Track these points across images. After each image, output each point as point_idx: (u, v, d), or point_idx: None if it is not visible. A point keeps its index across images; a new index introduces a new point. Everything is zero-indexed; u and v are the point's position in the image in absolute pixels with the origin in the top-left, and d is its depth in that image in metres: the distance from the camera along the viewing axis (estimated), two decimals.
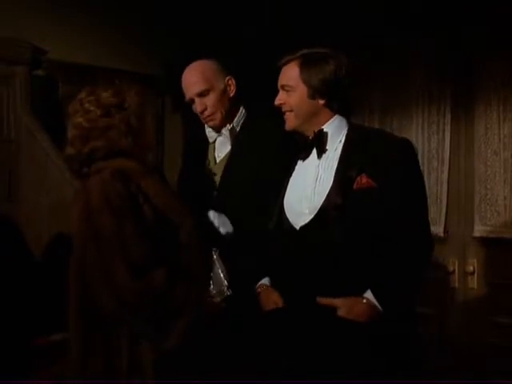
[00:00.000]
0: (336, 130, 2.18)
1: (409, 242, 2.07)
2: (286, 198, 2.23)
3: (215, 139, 2.61)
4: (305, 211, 2.13)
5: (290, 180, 2.25)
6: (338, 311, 2.03)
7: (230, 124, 2.57)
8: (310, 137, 2.19)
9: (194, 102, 2.55)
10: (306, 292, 2.07)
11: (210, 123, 2.58)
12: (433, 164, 3.89)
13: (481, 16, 3.62)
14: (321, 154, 2.16)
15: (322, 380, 1.96)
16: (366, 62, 3.88)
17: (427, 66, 3.88)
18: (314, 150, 2.18)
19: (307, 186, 2.16)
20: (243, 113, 2.61)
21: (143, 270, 1.94)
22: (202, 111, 2.54)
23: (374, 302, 2.03)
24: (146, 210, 2.02)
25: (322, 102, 2.15)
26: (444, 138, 3.86)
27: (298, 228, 2.14)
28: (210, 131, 2.62)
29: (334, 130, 2.17)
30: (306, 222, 2.12)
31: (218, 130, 2.59)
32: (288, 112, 2.20)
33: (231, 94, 2.56)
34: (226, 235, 2.35)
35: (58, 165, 3.42)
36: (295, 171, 2.26)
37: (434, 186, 3.87)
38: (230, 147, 2.59)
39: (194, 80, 2.52)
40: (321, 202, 2.10)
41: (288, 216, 2.19)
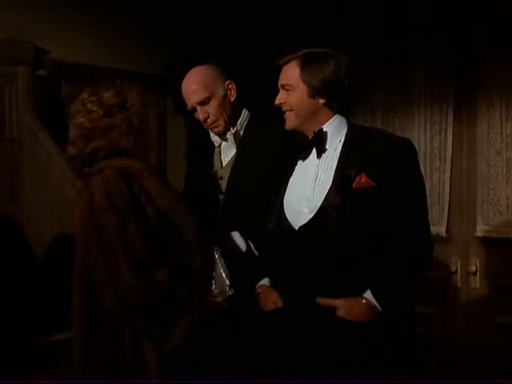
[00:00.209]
0: (336, 129, 2.18)
1: (408, 241, 2.07)
2: (285, 198, 2.23)
3: (220, 143, 2.63)
4: (304, 211, 2.13)
5: (290, 180, 2.26)
6: (337, 312, 2.03)
7: (234, 128, 2.58)
8: (310, 136, 2.19)
9: (196, 111, 2.57)
10: (305, 292, 2.07)
11: (214, 130, 2.59)
12: (435, 164, 3.88)
13: (481, 16, 3.62)
14: (320, 153, 2.16)
15: (322, 380, 1.96)
16: (366, 62, 3.87)
17: (428, 66, 3.87)
18: (313, 149, 2.18)
19: (307, 185, 2.16)
20: (246, 114, 2.62)
21: (145, 269, 1.95)
22: (205, 119, 2.55)
23: (373, 302, 2.03)
24: (148, 209, 2.02)
25: (322, 101, 2.15)
26: (446, 137, 3.85)
27: (298, 228, 2.13)
28: (214, 135, 2.64)
29: (333, 129, 2.17)
30: (306, 221, 2.11)
31: (222, 135, 2.60)
32: (288, 111, 2.20)
33: (232, 99, 2.57)
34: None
35: (60, 164, 3.42)
36: (295, 171, 2.26)
37: (436, 185, 3.87)
38: (235, 150, 2.60)
39: (193, 89, 2.53)
40: (320, 202, 2.09)
41: (287, 216, 2.19)
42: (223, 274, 2.13)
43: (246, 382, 2.10)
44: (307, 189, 2.15)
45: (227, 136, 2.59)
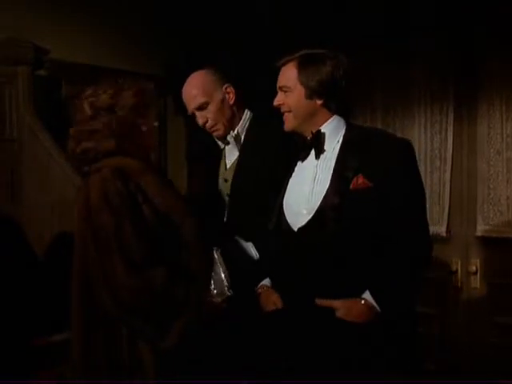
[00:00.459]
0: (334, 130, 2.17)
1: (408, 242, 2.07)
2: (285, 199, 2.23)
3: (224, 146, 2.65)
4: (303, 212, 2.13)
5: (290, 180, 2.26)
6: (336, 312, 2.03)
7: (234, 131, 2.59)
8: (309, 137, 2.19)
9: (195, 116, 2.59)
10: (305, 293, 2.07)
11: (214, 134, 2.61)
12: (435, 163, 3.88)
13: (481, 16, 3.61)
14: (319, 154, 2.16)
15: (322, 380, 1.96)
16: (366, 62, 3.87)
17: (428, 66, 3.86)
18: (312, 150, 2.18)
19: (306, 186, 2.16)
20: (248, 116, 2.63)
21: (141, 268, 1.95)
22: (204, 124, 2.57)
23: (372, 302, 2.03)
24: (145, 208, 2.02)
25: (320, 102, 2.15)
26: (447, 137, 3.85)
27: (297, 229, 2.13)
28: (218, 139, 2.66)
29: (331, 130, 2.17)
30: (304, 223, 2.11)
31: (223, 139, 2.62)
32: (287, 113, 2.21)
33: (231, 102, 2.58)
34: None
35: (61, 164, 3.42)
36: (295, 172, 2.26)
37: (436, 185, 3.87)
38: (237, 153, 2.62)
39: (192, 94, 2.55)
40: (318, 203, 2.09)
41: (287, 217, 2.19)
42: (222, 275, 2.11)
43: (246, 382, 2.11)
44: (306, 190, 2.15)
45: (228, 139, 2.60)
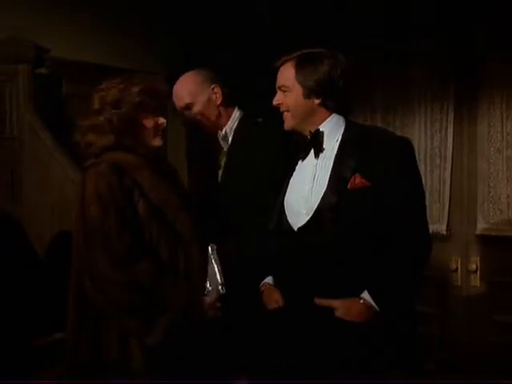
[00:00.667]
0: (333, 129, 2.17)
1: (407, 241, 2.07)
2: (286, 199, 2.23)
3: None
4: (302, 212, 2.13)
5: (291, 180, 2.25)
6: (335, 312, 2.03)
7: (222, 131, 2.62)
8: (308, 136, 2.19)
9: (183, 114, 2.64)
10: (305, 292, 2.07)
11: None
12: (435, 162, 3.88)
13: (481, 16, 3.61)
14: (318, 153, 2.16)
15: (322, 380, 1.96)
16: (366, 62, 3.86)
17: (428, 66, 3.86)
18: (312, 149, 2.18)
19: (305, 185, 2.16)
20: (237, 116, 2.64)
21: (128, 263, 1.96)
22: (188, 123, 2.65)
23: (370, 302, 2.03)
24: (141, 204, 2.03)
25: (318, 101, 2.16)
26: (447, 136, 3.84)
27: (297, 229, 2.14)
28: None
29: (330, 129, 2.17)
30: (304, 222, 2.11)
31: (213, 137, 2.64)
32: (286, 112, 2.21)
33: (218, 102, 2.60)
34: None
35: (61, 163, 3.43)
36: (295, 171, 2.26)
37: (436, 184, 3.86)
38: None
39: (178, 95, 2.61)
40: (317, 203, 2.09)
41: (287, 216, 2.19)
42: (217, 272, 2.11)
43: (246, 382, 2.11)
44: (305, 189, 2.15)
45: (218, 138, 2.63)
